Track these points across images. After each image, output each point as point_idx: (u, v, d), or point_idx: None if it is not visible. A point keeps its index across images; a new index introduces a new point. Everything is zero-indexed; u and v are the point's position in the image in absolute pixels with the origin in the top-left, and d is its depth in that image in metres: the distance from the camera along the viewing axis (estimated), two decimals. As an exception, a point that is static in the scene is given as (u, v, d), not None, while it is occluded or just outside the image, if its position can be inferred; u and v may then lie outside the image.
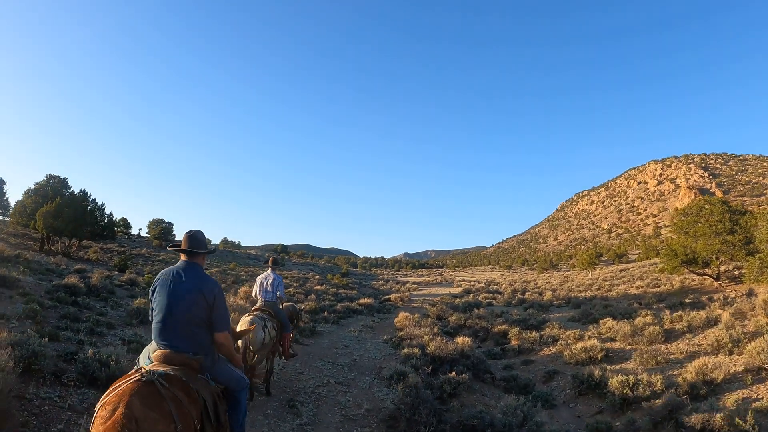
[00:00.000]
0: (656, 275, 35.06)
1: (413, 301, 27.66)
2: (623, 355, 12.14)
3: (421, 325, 13.45)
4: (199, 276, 3.47)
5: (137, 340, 7.72)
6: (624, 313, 18.17)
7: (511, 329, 14.95)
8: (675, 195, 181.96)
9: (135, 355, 6.83)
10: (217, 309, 3.43)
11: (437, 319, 18.92)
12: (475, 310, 20.24)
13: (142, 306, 10.15)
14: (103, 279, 14.50)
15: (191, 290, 3.35)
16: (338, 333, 14.31)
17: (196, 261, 3.59)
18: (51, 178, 26.31)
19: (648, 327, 14.08)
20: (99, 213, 26.60)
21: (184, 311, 3.31)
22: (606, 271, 53.85)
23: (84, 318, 8.50)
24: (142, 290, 16.27)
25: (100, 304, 11.04)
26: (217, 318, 3.43)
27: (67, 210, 23.59)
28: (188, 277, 3.42)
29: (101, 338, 7.65)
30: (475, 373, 9.13)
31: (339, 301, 23.12)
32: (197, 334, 3.35)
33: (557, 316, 20.49)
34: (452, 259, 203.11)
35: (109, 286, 14.10)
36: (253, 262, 58.06)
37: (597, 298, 26.23)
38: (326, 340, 12.67)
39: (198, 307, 3.33)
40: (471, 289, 35.25)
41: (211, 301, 3.39)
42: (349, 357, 10.50)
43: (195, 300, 3.33)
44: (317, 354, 10.39)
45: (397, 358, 10.29)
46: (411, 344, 10.72)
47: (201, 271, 3.56)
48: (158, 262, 30.68)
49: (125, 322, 9.55)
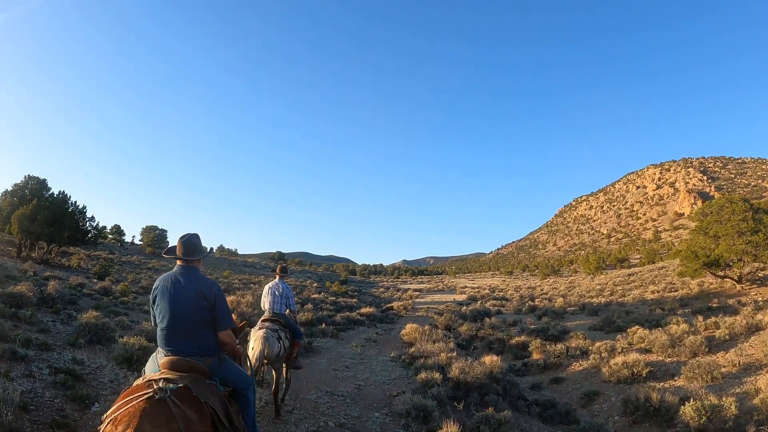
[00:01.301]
0: (670, 279, 33.69)
1: (417, 310, 25.98)
2: (667, 370, 10.53)
3: (433, 339, 11.68)
4: (197, 278, 3.52)
5: (71, 369, 5.97)
6: (650, 320, 16.59)
7: (532, 341, 13.31)
8: (674, 199, 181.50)
9: (60, 391, 5.20)
10: (219, 307, 3.48)
11: (446, 329, 17.28)
12: (486, 319, 18.60)
13: (93, 321, 8.34)
14: (66, 287, 12.78)
15: (192, 293, 3.40)
16: (338, 349, 12.60)
17: (192, 264, 3.61)
18: (30, 179, 24.46)
19: (686, 336, 12.51)
20: (80, 217, 24.81)
21: (188, 314, 3.37)
22: (612, 276, 52.36)
23: (11, 337, 6.68)
24: (112, 300, 14.55)
25: (48, 318, 9.18)
26: (220, 316, 3.49)
27: (44, 213, 21.78)
28: (187, 281, 3.46)
29: (26, 364, 5.82)
30: (509, 400, 7.43)
31: (338, 310, 21.40)
32: (203, 335, 3.41)
33: (575, 324, 18.90)
34: (451, 266, 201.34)
35: (71, 295, 12.35)
36: (249, 269, 56.45)
37: (613, 303, 24.69)
38: (324, 359, 10.83)
39: (201, 309, 3.40)
40: (476, 296, 33.60)
41: (213, 301, 3.45)
42: (351, 382, 8.67)
43: (197, 302, 3.39)
44: (313, 380, 8.54)
45: (409, 382, 8.53)
46: (426, 365, 8.86)
47: (198, 273, 3.58)
48: (147, 269, 28.96)
49: (69, 342, 7.64)
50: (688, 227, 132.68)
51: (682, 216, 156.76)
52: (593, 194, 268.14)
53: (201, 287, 3.45)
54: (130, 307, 14.31)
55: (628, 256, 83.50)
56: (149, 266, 30.94)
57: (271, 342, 6.09)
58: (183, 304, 3.38)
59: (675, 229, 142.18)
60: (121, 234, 54.01)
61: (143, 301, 16.32)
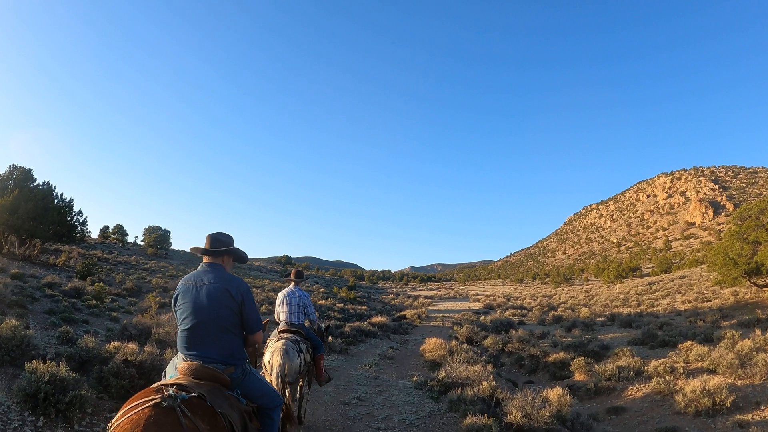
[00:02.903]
0: (698, 288, 31.79)
1: (432, 318, 24.18)
2: (746, 396, 8.69)
3: (466, 359, 9.75)
4: (223, 276, 3.15)
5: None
6: (696, 333, 14.70)
7: (574, 359, 11.48)
8: (685, 208, 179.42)
9: None
10: (247, 308, 3.14)
11: (468, 342, 15.51)
12: (512, 330, 16.79)
13: (9, 333, 6.17)
14: (17, 288, 10.97)
15: (217, 292, 3.06)
16: (347, 370, 10.70)
17: (219, 262, 3.24)
18: (14, 169, 22.79)
19: (755, 353, 10.67)
20: (66, 211, 23.14)
21: (212, 316, 3.03)
22: (631, 285, 50.30)
23: None
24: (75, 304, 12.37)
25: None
26: (249, 317, 3.16)
27: (25, 205, 20.07)
28: (212, 279, 3.11)
29: None
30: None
31: (347, 319, 19.63)
32: (227, 340, 3.06)
33: (610, 337, 17.07)
34: (459, 273, 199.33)
35: (31, 295, 10.57)
36: (254, 273, 55.08)
37: (644, 314, 22.77)
38: (330, 386, 8.76)
39: (227, 309, 3.06)
40: (492, 305, 31.73)
41: (240, 301, 3.10)
42: (368, 424, 6.78)
43: (223, 302, 3.05)
44: (315, 420, 6.71)
45: (445, 422, 6.64)
46: (465, 398, 6.88)
47: (224, 271, 3.21)
48: (144, 270, 27.35)
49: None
50: (700, 236, 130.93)
51: (693, 225, 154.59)
52: (603, 203, 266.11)
53: (228, 286, 3.10)
54: (96, 312, 12.35)
55: (640, 265, 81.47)
56: (146, 267, 29.34)
57: (291, 355, 5.38)
58: (207, 304, 3.03)
59: (686, 239, 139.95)
60: (124, 234, 52.80)
61: (119, 306, 14.47)
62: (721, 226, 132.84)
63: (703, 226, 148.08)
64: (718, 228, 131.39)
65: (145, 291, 17.37)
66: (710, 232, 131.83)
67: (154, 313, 8.61)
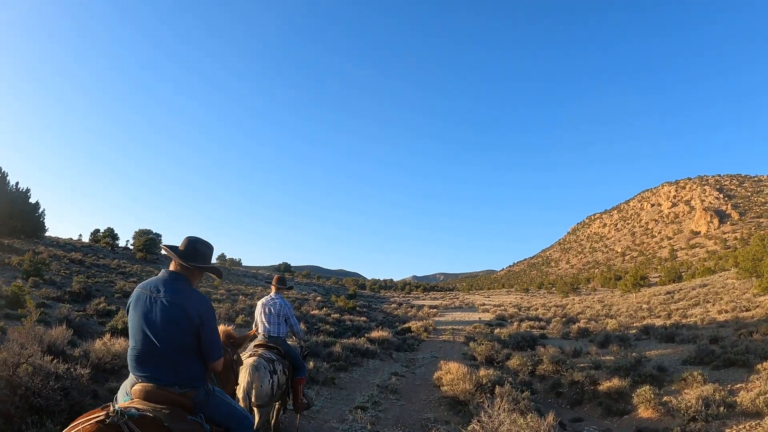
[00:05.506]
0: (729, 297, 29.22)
1: (440, 332, 21.38)
2: None
3: (509, 397, 6.77)
4: (181, 291, 2.55)
5: None
6: (757, 349, 11.90)
7: (637, 387, 8.76)
8: (690, 217, 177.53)
9: None
10: (206, 332, 2.54)
11: (487, 362, 12.82)
12: (539, 348, 14.09)
13: None
14: None
15: (173, 309, 2.48)
16: (333, 412, 7.76)
17: (184, 273, 2.64)
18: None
19: None
20: (21, 202, 20.56)
21: (166, 336, 2.46)
22: (649, 294, 47.55)
23: None
24: None
25: None
26: (208, 345, 2.56)
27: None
28: (168, 292, 2.52)
29: None
30: None
31: (341, 333, 16.80)
32: (184, 365, 2.49)
33: (656, 354, 14.32)
34: (462, 282, 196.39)
35: None
36: (248, 280, 52.42)
37: (681, 326, 20.03)
38: None
39: (182, 331, 2.48)
40: (504, 315, 28.93)
41: (197, 324, 2.51)
42: None
43: (178, 322, 2.48)
44: None
45: None
46: None
47: (186, 284, 2.61)
48: (119, 274, 24.63)
49: None
50: (705, 245, 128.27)
51: (698, 234, 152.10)
52: (607, 212, 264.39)
53: (186, 304, 2.50)
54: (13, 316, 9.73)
55: (647, 275, 78.85)
56: (124, 270, 26.60)
57: (262, 374, 4.71)
58: (161, 322, 2.47)
59: (691, 248, 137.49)
60: (115, 238, 50.69)
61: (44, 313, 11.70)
62: (726, 235, 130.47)
63: (709, 235, 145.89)
64: (724, 237, 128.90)
65: (101, 295, 14.76)
66: (716, 241, 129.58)
67: (32, 323, 5.99)
